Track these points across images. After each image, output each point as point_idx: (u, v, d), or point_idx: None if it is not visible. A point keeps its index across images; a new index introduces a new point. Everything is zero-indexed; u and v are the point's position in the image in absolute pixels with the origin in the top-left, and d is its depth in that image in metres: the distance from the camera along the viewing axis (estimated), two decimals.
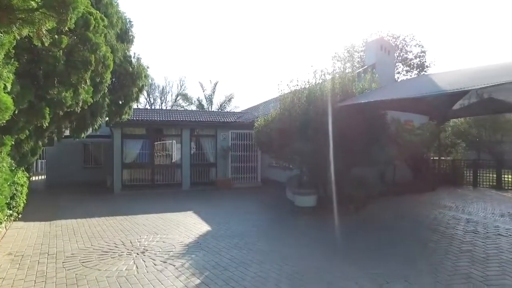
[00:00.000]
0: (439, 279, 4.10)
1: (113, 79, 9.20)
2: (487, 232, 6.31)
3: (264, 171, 15.02)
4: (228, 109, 33.47)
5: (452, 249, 5.35)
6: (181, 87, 40.25)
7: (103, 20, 6.82)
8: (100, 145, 17.13)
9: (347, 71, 9.40)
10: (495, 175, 12.37)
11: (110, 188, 13.38)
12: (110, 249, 5.54)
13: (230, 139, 14.53)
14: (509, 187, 11.86)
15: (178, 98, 39.23)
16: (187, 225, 7.25)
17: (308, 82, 8.83)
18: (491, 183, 12.37)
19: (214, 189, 13.47)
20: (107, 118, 10.16)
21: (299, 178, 9.00)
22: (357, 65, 20.25)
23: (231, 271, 4.49)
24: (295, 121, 8.16)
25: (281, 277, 4.26)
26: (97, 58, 6.55)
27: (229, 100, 34.44)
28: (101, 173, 16.07)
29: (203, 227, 7.08)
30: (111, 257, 5.09)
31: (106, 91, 7.99)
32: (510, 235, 6.12)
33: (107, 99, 8.75)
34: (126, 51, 9.73)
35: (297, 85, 9.06)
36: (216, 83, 34.50)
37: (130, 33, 10.13)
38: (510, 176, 12.17)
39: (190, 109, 32.98)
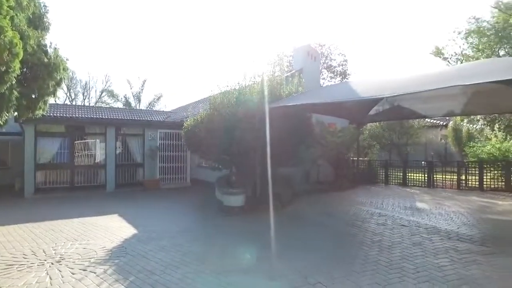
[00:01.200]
0: (354, 268, 4.52)
1: (25, 70, 8.23)
2: (394, 224, 7.12)
3: (194, 171, 14.85)
4: (157, 108, 32.31)
5: (365, 240, 5.92)
6: (106, 83, 37.68)
7: (7, 0, 6.03)
8: (7, 143, 15.16)
9: (276, 74, 9.81)
10: (401, 174, 13.97)
11: (19, 192, 11.95)
12: (16, 261, 4.92)
13: (158, 138, 14.07)
14: (412, 184, 13.49)
15: (103, 95, 36.62)
16: (111, 229, 6.85)
17: (238, 83, 9.01)
18: (398, 181, 13.94)
19: (141, 190, 12.91)
20: (15, 113, 9.04)
21: (228, 178, 9.11)
22: (286, 69, 21.14)
23: (158, 274, 4.38)
24: (224, 121, 8.25)
25: (209, 277, 4.30)
26: (1, 44, 5.79)
27: (158, 99, 33.29)
28: (8, 176, 14.24)
29: (129, 231, 6.77)
30: (18, 270, 4.54)
31: (14, 82, 7.09)
32: (411, 225, 6.99)
33: (15, 92, 7.78)
34: (41, 39, 8.75)
35: (227, 86, 9.19)
36: (145, 81, 33.11)
37: (45, 19, 9.11)
38: (413, 174, 13.83)
39: (116, 106, 31.05)
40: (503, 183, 11.71)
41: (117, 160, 13.29)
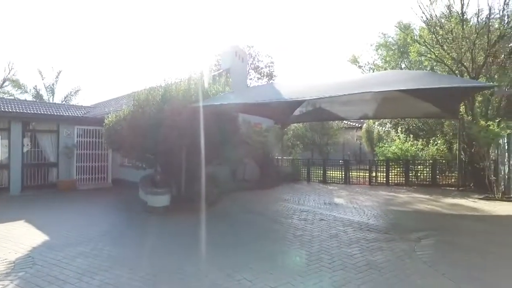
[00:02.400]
0: (277, 262, 4.73)
1: None
2: (314, 219, 7.62)
3: (116, 170, 13.95)
4: (74, 102, 29.45)
5: (288, 235, 6.22)
6: (10, 71, 32.98)
7: None
8: None
9: (203, 73, 9.74)
10: (322, 172, 14.99)
11: None
12: None
13: (76, 135, 12.87)
14: (331, 181, 14.58)
15: (5, 84, 31.97)
16: (15, 238, 6.05)
17: (165, 80, 8.74)
18: (319, 178, 14.93)
19: (54, 193, 11.65)
20: None
21: (152, 178, 8.79)
22: (214, 68, 21.11)
23: (73, 283, 4.02)
24: (149, 119, 7.94)
25: (132, 281, 4.10)
26: None
27: (76, 93, 30.38)
28: None
29: (38, 238, 6.07)
30: None
31: None
32: (329, 219, 7.56)
33: None
34: None
35: (153, 82, 8.87)
36: (60, 72, 29.91)
37: None
38: (332, 172, 14.94)
39: (24, 98, 27.47)
40: (403, 179, 13.35)
41: (24, 159, 11.81)
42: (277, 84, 14.25)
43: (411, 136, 15.61)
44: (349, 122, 25.80)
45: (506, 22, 11.73)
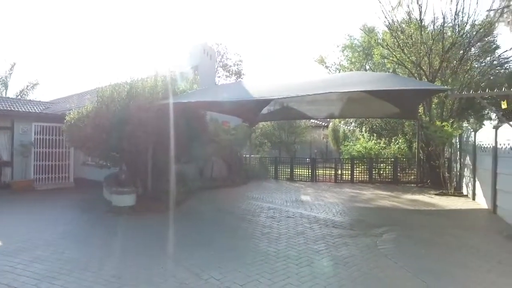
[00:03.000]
0: (245, 260, 4.74)
1: None
2: (281, 216, 7.73)
3: (78, 169, 13.34)
4: (31, 97, 27.64)
5: (256, 233, 6.27)
6: None
7: None
8: None
9: (170, 70, 9.56)
10: (289, 170, 15.23)
11: None
12: None
13: (33, 133, 12.11)
14: (298, 179, 14.85)
15: None
16: None
17: (130, 76, 8.49)
18: (287, 176, 15.16)
19: (8, 194, 10.87)
20: None
21: (117, 176, 8.51)
22: (182, 65, 20.77)
23: None
24: (114, 116, 7.67)
25: (95, 284, 3.94)
26: None
27: (33, 87, 28.51)
28: None
29: None
30: None
31: None
32: (296, 216, 7.71)
33: None
34: None
35: (118, 78, 8.57)
36: (14, 65, 27.99)
37: None
38: (299, 170, 15.23)
39: None
40: (367, 176, 13.89)
41: None
42: (245, 82, 14.27)
43: (375, 135, 16.26)
44: (316, 121, 26.36)
45: (457, 31, 12.52)
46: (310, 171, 14.78)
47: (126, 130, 7.32)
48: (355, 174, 14.03)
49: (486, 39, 13.91)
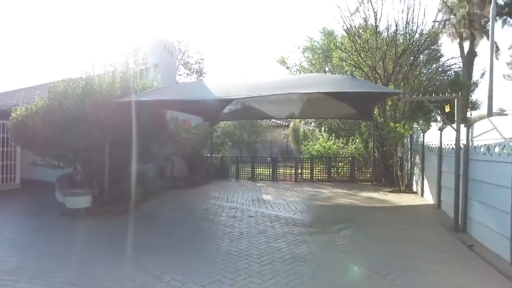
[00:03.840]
0: (207, 260, 4.72)
1: None
2: (242, 215, 7.77)
3: (27, 170, 12.41)
4: None
5: (217, 233, 6.25)
6: None
7: None
8: None
9: (130, 66, 9.21)
10: (250, 169, 15.30)
11: None
12: None
13: None
14: (260, 178, 14.98)
15: None
16: None
17: (86, 72, 8.03)
18: (248, 176, 15.22)
19: None
20: None
21: (71, 177, 8.05)
22: (141, 62, 20.07)
23: None
24: (67, 113, 7.23)
25: None
26: None
27: None
28: None
29: None
30: None
31: None
32: (257, 215, 7.79)
33: None
34: None
35: (72, 73, 8.09)
36: None
37: None
38: (260, 169, 15.36)
39: None
40: (326, 175, 14.35)
41: None
42: (207, 81, 14.13)
43: (333, 135, 16.82)
44: (276, 121, 26.73)
45: (408, 38, 13.35)
46: (271, 170, 14.95)
47: (82, 128, 6.93)
48: (314, 173, 14.42)
49: (433, 47, 14.98)
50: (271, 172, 14.88)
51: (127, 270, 4.41)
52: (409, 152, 11.69)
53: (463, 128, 6.39)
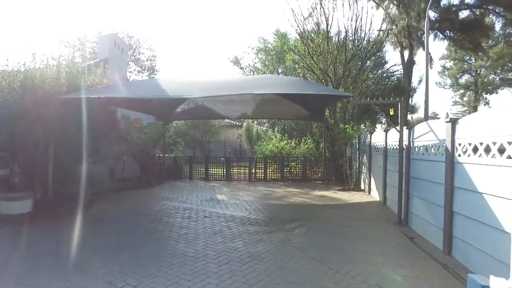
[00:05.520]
0: (163, 263, 4.58)
1: None
2: (197, 216, 7.67)
3: None
4: None
5: (172, 234, 6.10)
6: None
7: None
8: None
9: (76, 60, 8.64)
10: (204, 169, 15.13)
11: None
12: None
13: None
14: (213, 178, 14.87)
15: None
16: None
17: (25, 64, 7.37)
18: (201, 176, 15.03)
19: None
20: None
21: (8, 180, 7.32)
22: (89, 57, 18.92)
23: None
24: (3, 108, 6.59)
25: None
26: None
27: None
28: None
29: None
30: None
31: None
32: (212, 216, 7.73)
33: None
34: None
35: (7, 65, 7.36)
36: None
37: None
38: (214, 169, 15.25)
39: None
40: (279, 175, 14.66)
41: None
42: (160, 79, 13.75)
43: (286, 135, 17.23)
44: (230, 121, 26.73)
45: (356, 45, 14.15)
46: (225, 170, 14.91)
47: (21, 125, 6.36)
48: (268, 172, 14.65)
49: (378, 54, 16.02)
50: (225, 172, 14.84)
51: (76, 278, 4.12)
52: (358, 152, 12.35)
53: (405, 130, 6.92)
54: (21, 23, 47.95)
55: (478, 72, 39.56)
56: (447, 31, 22.13)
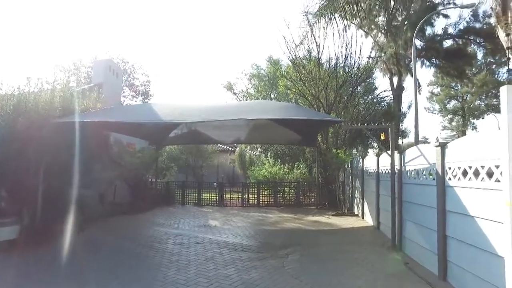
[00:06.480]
0: None
1: None
2: (189, 242, 7.51)
3: None
4: None
5: (164, 261, 5.95)
6: None
7: None
8: None
9: (71, 84, 8.71)
10: (197, 194, 14.97)
11: None
12: None
13: None
14: (206, 204, 14.67)
15: None
16: None
17: (19, 88, 7.40)
18: (194, 201, 14.83)
19: None
20: None
21: None
22: (83, 81, 19.08)
23: None
24: None
25: None
26: None
27: None
28: None
29: None
30: None
31: None
32: (205, 242, 7.59)
33: None
34: None
35: (1, 89, 7.38)
36: None
37: None
38: (206, 195, 15.08)
39: None
40: (272, 200, 14.55)
41: None
42: (153, 104, 13.85)
43: (279, 160, 17.26)
44: (223, 146, 26.74)
45: (347, 71, 14.56)
46: (217, 195, 14.76)
47: (12, 149, 6.29)
48: (261, 197, 14.53)
49: (368, 80, 16.45)
50: (217, 197, 14.69)
51: None
52: (350, 176, 12.39)
53: (396, 155, 7.01)
54: (19, 48, 48.42)
55: (465, 98, 40.72)
56: (433, 59, 22.93)
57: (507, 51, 6.36)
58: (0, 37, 47.37)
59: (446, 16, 21.83)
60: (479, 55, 25.59)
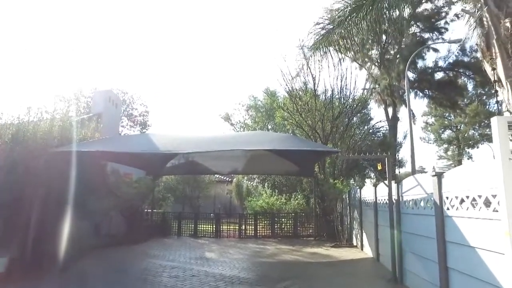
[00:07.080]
0: None
1: None
2: (185, 275, 7.29)
3: None
4: None
5: None
6: None
7: None
8: None
9: (70, 114, 8.80)
10: (193, 225, 14.70)
11: None
12: None
13: None
14: (202, 235, 14.38)
15: None
16: None
17: (19, 118, 7.46)
18: (190, 232, 14.54)
19: None
20: None
21: None
22: (83, 111, 19.28)
23: None
24: None
25: None
26: None
27: None
28: None
29: None
30: None
31: None
32: (200, 274, 7.37)
33: None
34: None
35: (0, 118, 7.45)
36: None
37: None
38: (203, 226, 14.81)
39: None
40: (270, 231, 14.29)
41: None
42: (151, 134, 13.91)
43: (276, 191, 17.14)
44: (220, 176, 26.60)
45: (343, 102, 14.87)
46: (214, 226, 14.50)
47: (7, 179, 6.24)
48: (258, 229, 14.27)
49: (363, 111, 16.76)
50: (214, 229, 14.42)
51: None
52: (348, 207, 12.28)
53: (394, 185, 7.01)
54: (20, 79, 49.17)
55: (458, 127, 41.36)
56: (426, 90, 23.60)
57: (494, 84, 6.57)
58: (2, 66, 48.23)
59: (435, 50, 22.76)
60: (470, 86, 26.35)
